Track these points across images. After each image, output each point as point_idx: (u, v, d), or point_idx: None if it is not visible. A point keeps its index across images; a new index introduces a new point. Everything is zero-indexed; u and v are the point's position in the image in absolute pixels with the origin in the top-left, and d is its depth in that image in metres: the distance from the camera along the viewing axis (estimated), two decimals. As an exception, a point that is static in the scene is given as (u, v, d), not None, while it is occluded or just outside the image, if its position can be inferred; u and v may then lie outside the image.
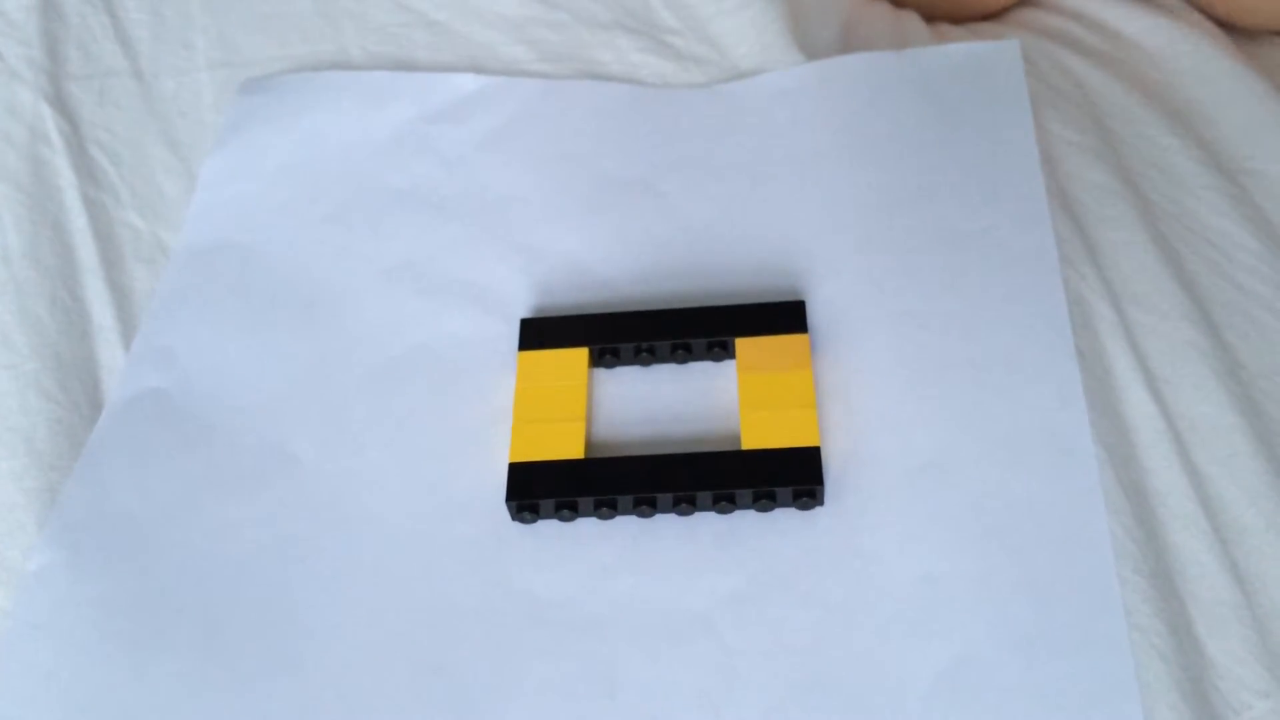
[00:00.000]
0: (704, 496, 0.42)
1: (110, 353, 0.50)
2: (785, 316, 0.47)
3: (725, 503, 0.42)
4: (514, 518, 0.43)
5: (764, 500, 0.42)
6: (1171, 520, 0.41)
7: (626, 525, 0.43)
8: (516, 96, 0.58)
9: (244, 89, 0.59)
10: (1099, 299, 0.47)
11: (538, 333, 0.47)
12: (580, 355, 0.47)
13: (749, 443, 0.43)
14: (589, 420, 0.46)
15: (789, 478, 0.42)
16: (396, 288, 0.51)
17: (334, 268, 0.52)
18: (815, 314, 0.48)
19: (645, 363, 0.47)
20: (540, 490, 0.43)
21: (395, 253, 0.52)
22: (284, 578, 0.43)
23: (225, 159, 0.56)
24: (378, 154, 0.56)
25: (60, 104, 0.59)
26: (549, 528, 0.43)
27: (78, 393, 0.49)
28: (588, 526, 0.43)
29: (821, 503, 0.42)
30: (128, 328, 0.51)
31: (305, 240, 0.53)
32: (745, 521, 0.42)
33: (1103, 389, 0.45)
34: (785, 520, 0.42)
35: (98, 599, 0.42)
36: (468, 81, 0.58)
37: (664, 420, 0.46)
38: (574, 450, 0.44)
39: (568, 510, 0.42)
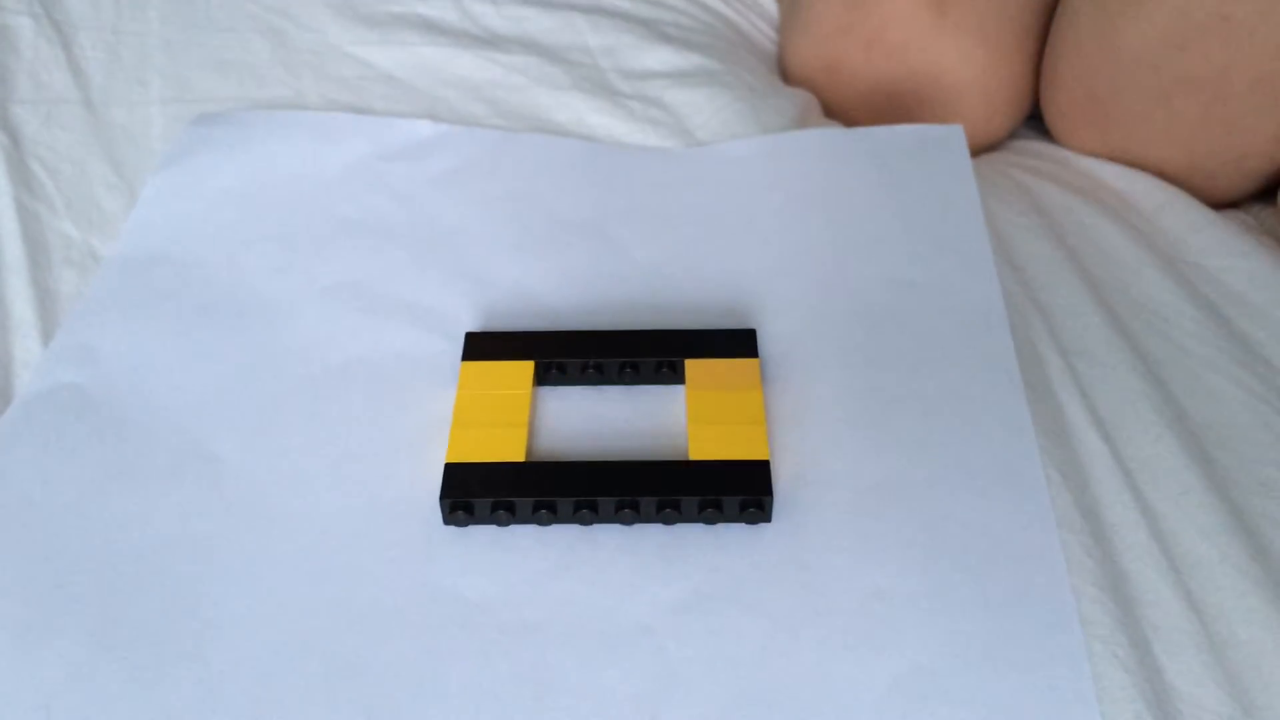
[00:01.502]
0: (648, 505, 0.40)
1: (27, 347, 0.48)
2: (736, 342, 0.46)
3: (670, 510, 0.40)
4: (447, 520, 0.41)
5: (710, 510, 0.40)
6: (1126, 550, 0.40)
7: (566, 533, 0.41)
8: (472, 143, 0.58)
9: (196, 121, 0.59)
10: (1048, 349, 0.48)
11: (482, 346, 0.46)
12: (525, 368, 0.45)
13: (696, 454, 0.42)
14: (531, 432, 0.44)
15: (737, 488, 0.40)
16: (336, 304, 0.49)
17: (272, 283, 0.50)
18: (765, 346, 0.47)
19: (592, 381, 0.46)
20: (476, 490, 0.40)
21: (337, 273, 0.51)
22: (192, 571, 0.39)
23: (169, 178, 0.55)
24: (327, 184, 0.55)
25: (4, 122, 0.58)
26: (484, 533, 0.41)
27: (-13, 383, 0.46)
28: (525, 534, 0.41)
29: (769, 518, 0.41)
30: (49, 326, 0.48)
31: (245, 256, 0.51)
32: (690, 534, 0.41)
33: (1055, 429, 0.44)
34: (731, 534, 0.41)
35: (-15, 581, 0.39)
36: (424, 127, 0.58)
37: (609, 437, 0.44)
38: (514, 454, 0.42)
39: (504, 512, 0.40)
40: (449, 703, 0.36)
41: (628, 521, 0.41)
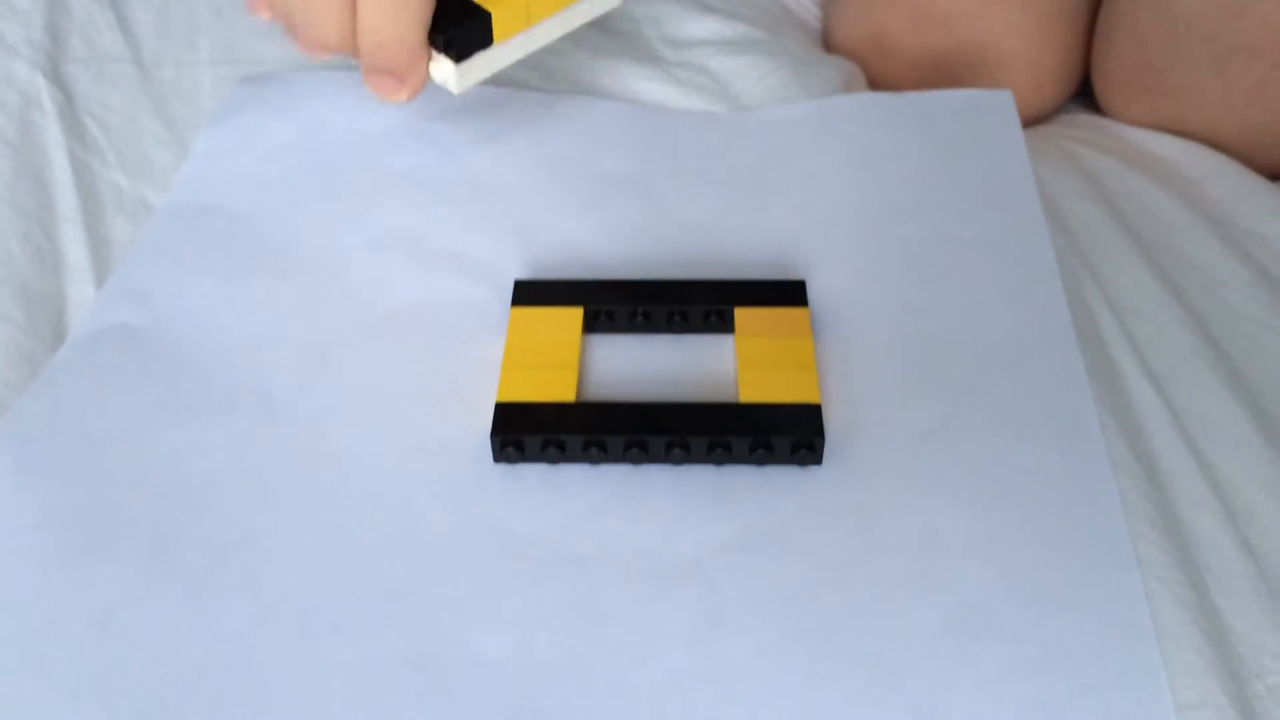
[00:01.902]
0: (698, 445, 0.40)
1: (81, 290, 0.48)
2: (786, 292, 0.46)
3: (720, 451, 0.40)
4: (497, 457, 0.41)
5: (761, 451, 0.40)
6: (1182, 498, 0.40)
7: (616, 472, 0.41)
8: (518, 105, 0.58)
9: (246, 80, 0.59)
10: (1100, 307, 0.47)
11: (531, 292, 0.46)
12: (574, 314, 0.45)
13: (747, 397, 0.42)
14: (580, 376, 0.44)
15: (788, 430, 0.40)
16: (386, 254, 0.49)
17: (321, 233, 0.50)
18: (815, 300, 0.47)
19: (641, 329, 0.46)
20: (527, 428, 0.40)
21: (385, 225, 0.51)
22: (243, 501, 0.40)
23: (220, 133, 0.55)
24: (375, 140, 0.55)
25: (57, 79, 0.59)
26: (533, 471, 0.41)
27: (41, 322, 0.46)
28: (574, 472, 0.41)
29: (820, 461, 0.40)
30: (102, 270, 0.49)
31: (294, 208, 0.52)
32: (740, 475, 0.40)
33: (1108, 382, 0.44)
34: (782, 476, 0.40)
35: (40, 505, 0.39)
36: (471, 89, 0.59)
37: (658, 383, 0.44)
38: (565, 394, 0.42)
39: (554, 449, 0.40)
40: (500, 631, 0.36)
41: (677, 461, 0.40)
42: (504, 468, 0.41)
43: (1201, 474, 0.41)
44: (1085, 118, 0.65)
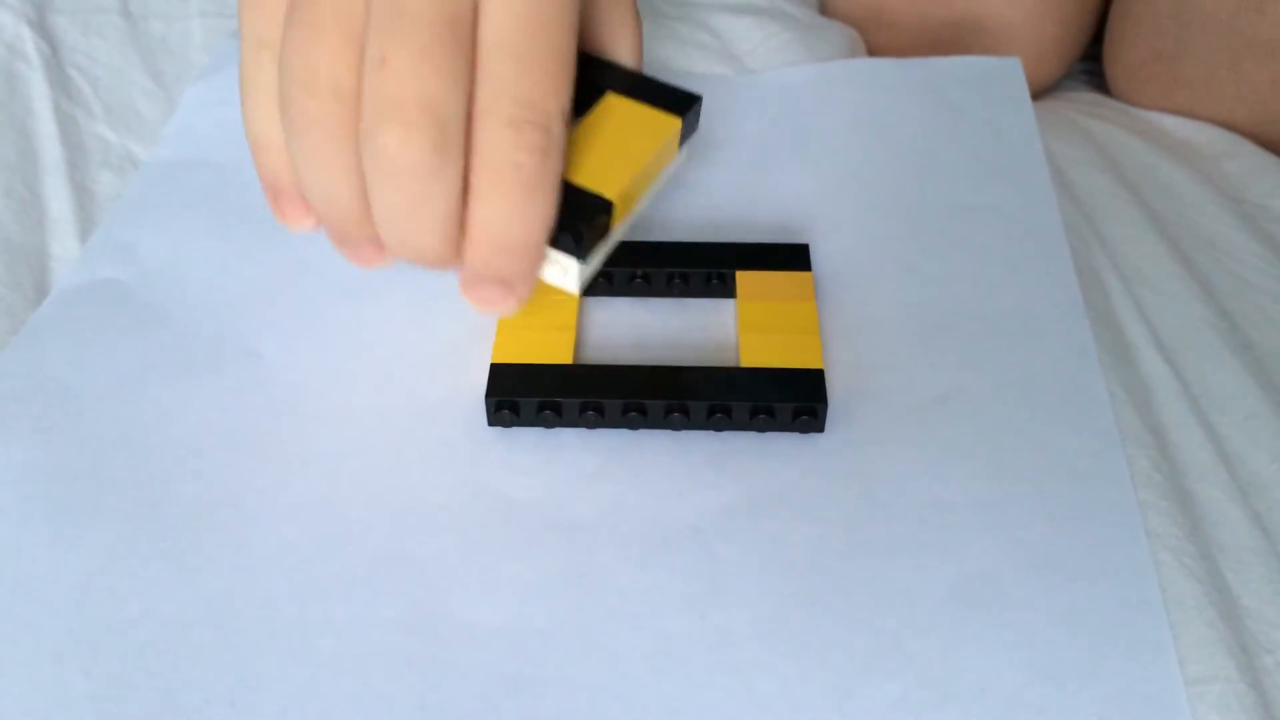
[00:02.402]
0: (698, 410, 0.39)
1: (65, 245, 0.47)
2: (789, 256, 0.45)
3: (720, 416, 0.39)
4: (491, 421, 0.40)
5: (762, 417, 0.39)
6: (1192, 470, 0.39)
7: (613, 437, 0.40)
8: (517, 63, 0.57)
9: (237, 33, 0.58)
10: (1109, 276, 0.46)
11: (528, 252, 0.45)
12: (572, 275, 0.44)
13: (748, 362, 0.41)
14: (577, 339, 0.43)
15: (790, 395, 0.39)
16: (379, 213, 0.48)
17: (314, 191, 0.49)
18: (819, 265, 0.46)
19: (640, 292, 0.45)
20: (522, 390, 0.39)
21: (380, 183, 0.50)
22: (231, 461, 0.39)
23: (211, 87, 0.54)
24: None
25: (43, 30, 0.57)
26: (529, 435, 0.40)
27: (24, 277, 0.45)
28: (571, 436, 0.40)
29: (822, 428, 0.39)
30: (87, 225, 0.48)
31: (286, 166, 0.50)
32: (740, 441, 0.39)
33: (1117, 352, 0.43)
34: (783, 442, 0.39)
35: (21, 464, 0.38)
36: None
37: (657, 347, 0.43)
38: (562, 356, 0.41)
39: (550, 412, 0.39)
40: (494, 598, 0.35)
41: (677, 427, 0.39)
42: (498, 431, 0.40)
43: (1211, 446, 0.40)
44: (1096, 96, 0.64)
